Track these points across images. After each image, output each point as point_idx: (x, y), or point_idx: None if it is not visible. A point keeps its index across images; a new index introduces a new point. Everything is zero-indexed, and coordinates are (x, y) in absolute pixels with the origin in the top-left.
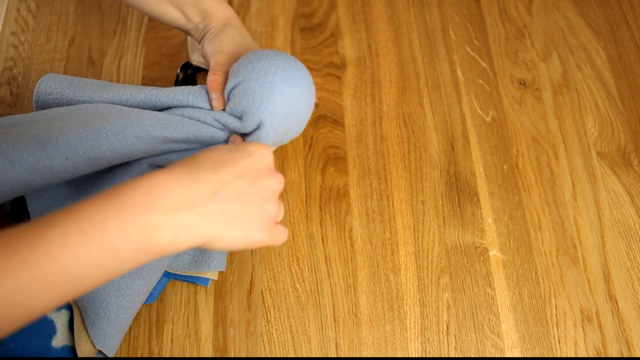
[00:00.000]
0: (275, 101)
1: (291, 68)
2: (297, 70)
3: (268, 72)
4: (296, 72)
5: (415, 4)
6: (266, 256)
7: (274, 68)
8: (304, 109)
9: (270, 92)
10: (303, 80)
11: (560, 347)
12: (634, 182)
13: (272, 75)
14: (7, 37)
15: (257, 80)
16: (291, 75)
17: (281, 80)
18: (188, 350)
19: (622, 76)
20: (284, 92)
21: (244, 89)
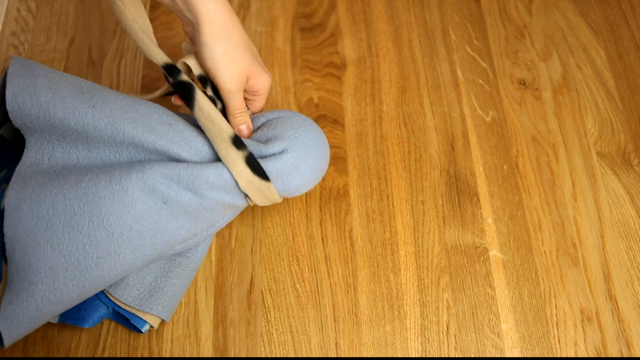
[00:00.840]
0: (305, 137)
1: (322, 139)
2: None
3: (307, 120)
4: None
5: (415, 4)
6: (266, 256)
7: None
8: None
9: (305, 131)
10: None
11: (560, 347)
12: (634, 182)
13: (310, 123)
14: (7, 37)
15: (296, 119)
16: (322, 140)
17: (315, 132)
18: (188, 350)
19: (622, 76)
20: (315, 138)
21: (283, 121)
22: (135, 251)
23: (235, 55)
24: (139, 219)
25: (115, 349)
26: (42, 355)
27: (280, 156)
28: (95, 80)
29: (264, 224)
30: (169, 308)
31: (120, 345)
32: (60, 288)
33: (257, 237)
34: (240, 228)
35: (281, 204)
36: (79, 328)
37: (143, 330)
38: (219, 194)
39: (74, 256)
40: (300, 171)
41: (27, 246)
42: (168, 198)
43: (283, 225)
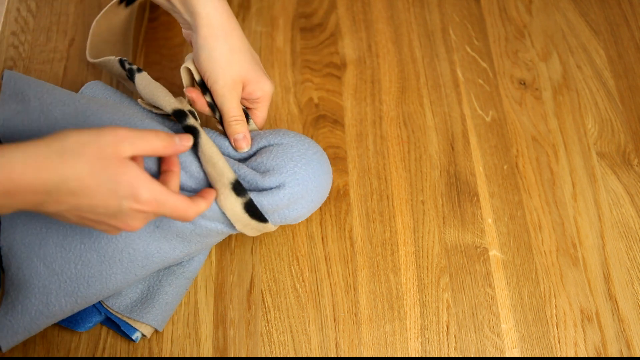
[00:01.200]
0: (305, 170)
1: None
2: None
3: (309, 148)
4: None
5: (415, 4)
6: (266, 256)
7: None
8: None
9: (306, 163)
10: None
11: (560, 347)
12: (634, 182)
13: (313, 153)
14: (7, 37)
15: (298, 149)
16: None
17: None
18: (188, 350)
19: (622, 76)
20: (315, 170)
21: (283, 150)
22: (127, 272)
23: (232, 58)
24: (130, 242)
25: (115, 349)
26: (42, 355)
27: (277, 191)
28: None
29: None
30: (161, 317)
31: (120, 345)
32: (53, 303)
33: (257, 237)
34: None
35: None
36: None
37: (134, 339)
38: (212, 223)
39: (66, 274)
40: (297, 205)
41: (22, 261)
42: (161, 222)
43: (283, 225)
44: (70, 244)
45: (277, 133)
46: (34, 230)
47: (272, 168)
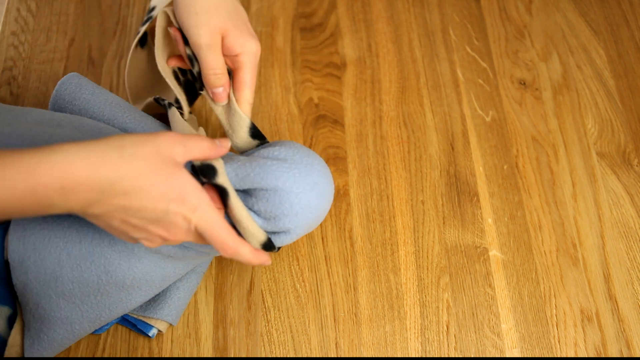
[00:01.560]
0: (308, 215)
1: (323, 182)
2: (327, 183)
3: (306, 188)
4: (326, 186)
5: (415, 4)
6: None
7: (311, 184)
8: (323, 216)
9: (305, 208)
10: (330, 192)
11: (560, 347)
12: (634, 182)
13: (310, 191)
14: (7, 37)
15: (296, 196)
16: (324, 189)
17: (316, 197)
18: (188, 350)
19: (622, 76)
20: (318, 206)
21: (280, 200)
22: (146, 294)
23: (211, 7)
24: (147, 271)
25: (115, 349)
26: None
27: (284, 234)
28: (95, 80)
29: None
30: (175, 312)
31: (120, 345)
32: (77, 330)
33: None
34: None
35: None
36: None
37: (150, 335)
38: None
39: (87, 304)
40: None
41: (40, 298)
42: (176, 254)
43: None
44: (87, 279)
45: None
46: (46, 268)
47: (274, 217)
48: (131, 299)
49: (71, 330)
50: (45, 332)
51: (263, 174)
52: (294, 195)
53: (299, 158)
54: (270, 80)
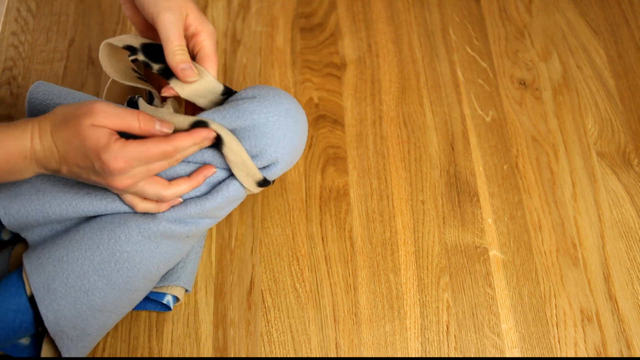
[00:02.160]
0: (289, 140)
1: (294, 109)
2: (298, 109)
3: (280, 114)
4: (298, 112)
5: (415, 4)
6: (266, 256)
7: (284, 111)
8: (304, 142)
9: (285, 134)
10: (304, 118)
11: (560, 347)
12: (634, 182)
13: (285, 117)
14: (7, 37)
15: (274, 124)
16: (296, 115)
17: (292, 122)
18: (188, 350)
19: (622, 76)
20: (296, 131)
21: (260, 133)
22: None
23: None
24: (169, 255)
25: (115, 349)
26: None
27: (274, 166)
28: (95, 80)
29: (264, 224)
30: (185, 276)
31: (120, 345)
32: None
33: (257, 237)
34: (240, 228)
35: (281, 204)
36: None
37: (165, 302)
38: (229, 206)
39: (120, 307)
40: (290, 165)
41: (75, 320)
42: (190, 232)
43: (283, 225)
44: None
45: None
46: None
47: (261, 152)
48: (155, 280)
49: (105, 331)
50: (81, 341)
51: (238, 114)
52: (272, 124)
53: (265, 92)
54: (270, 80)
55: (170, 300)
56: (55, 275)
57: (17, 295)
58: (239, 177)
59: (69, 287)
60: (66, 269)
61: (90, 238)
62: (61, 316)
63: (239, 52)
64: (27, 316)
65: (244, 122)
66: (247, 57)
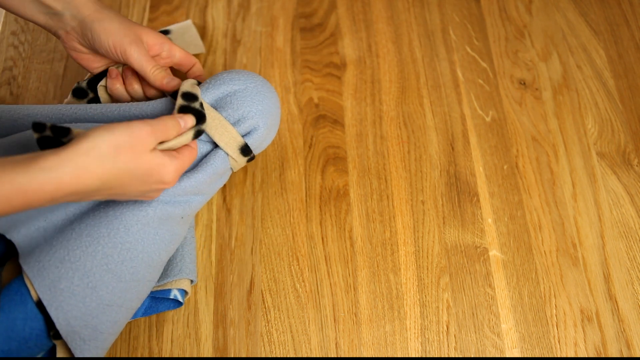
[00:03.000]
0: (267, 104)
1: (267, 82)
2: (269, 84)
3: (257, 84)
4: (270, 85)
5: (415, 4)
6: (266, 256)
7: (259, 80)
8: (279, 109)
9: (262, 98)
10: (275, 92)
11: (560, 347)
12: (634, 182)
13: (262, 85)
14: (7, 37)
15: (253, 89)
16: (269, 85)
17: (268, 88)
18: (188, 350)
19: (622, 76)
20: (272, 96)
21: (242, 97)
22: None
23: (123, 22)
24: (168, 240)
25: (115, 349)
26: None
27: (254, 132)
28: None
29: (264, 224)
30: (187, 268)
31: (120, 345)
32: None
33: (257, 237)
34: (240, 228)
35: (281, 204)
36: None
37: (173, 297)
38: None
39: (129, 301)
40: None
41: (86, 319)
42: (184, 212)
43: (283, 225)
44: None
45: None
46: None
47: (241, 117)
48: (158, 273)
49: (118, 328)
50: (93, 339)
51: (219, 82)
52: (250, 89)
53: (238, 69)
54: (270, 80)
55: (177, 295)
56: (60, 276)
57: (22, 303)
58: (222, 144)
59: (76, 285)
60: (70, 268)
61: (89, 234)
62: (71, 316)
63: (239, 52)
64: (37, 322)
65: (225, 89)
66: (247, 57)
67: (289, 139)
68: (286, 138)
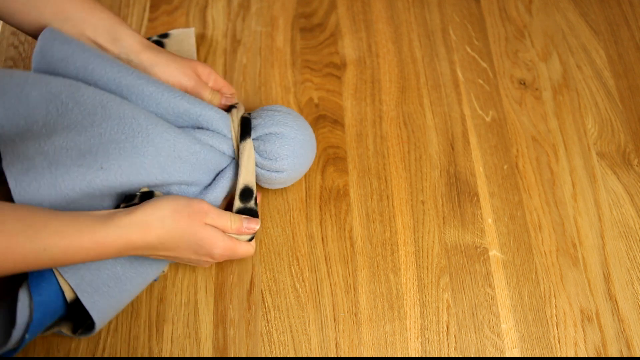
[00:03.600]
0: (303, 159)
1: (313, 138)
2: (314, 140)
3: (306, 136)
4: (314, 142)
5: (415, 4)
6: (266, 256)
7: (309, 135)
8: (308, 166)
9: (303, 152)
10: (315, 149)
11: (560, 347)
12: (634, 182)
13: (309, 140)
14: (7, 37)
15: (299, 141)
16: (314, 143)
17: (311, 147)
18: (188, 350)
19: (622, 76)
20: (311, 156)
21: (284, 142)
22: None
23: (176, 59)
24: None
25: (115, 349)
26: (42, 355)
27: (277, 174)
28: None
29: (264, 224)
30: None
31: (120, 345)
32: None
33: (257, 237)
34: None
35: (281, 204)
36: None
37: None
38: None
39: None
40: (291, 176)
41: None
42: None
43: (283, 225)
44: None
45: (275, 122)
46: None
47: (276, 157)
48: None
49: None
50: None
51: (272, 122)
52: (297, 140)
53: (291, 113)
54: (270, 80)
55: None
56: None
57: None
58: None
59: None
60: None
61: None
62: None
63: (239, 52)
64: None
65: (276, 129)
66: (247, 57)
67: None
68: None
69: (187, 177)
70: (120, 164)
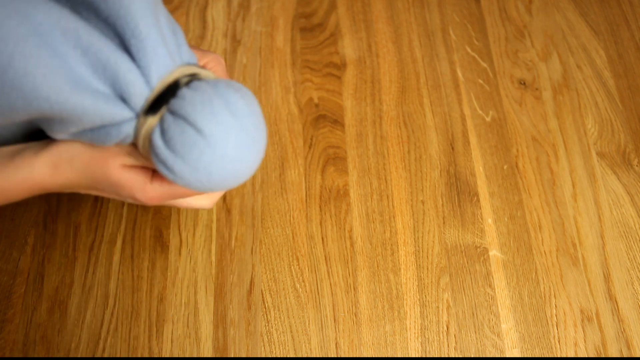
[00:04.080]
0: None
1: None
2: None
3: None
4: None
5: (415, 4)
6: (266, 256)
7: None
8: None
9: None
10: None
11: (560, 347)
12: (634, 182)
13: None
14: None
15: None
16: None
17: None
18: (188, 350)
19: (622, 76)
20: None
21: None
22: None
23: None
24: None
25: (115, 349)
26: (42, 355)
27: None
28: None
29: (264, 224)
30: None
31: (120, 345)
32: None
33: (257, 237)
34: (240, 228)
35: (281, 204)
36: (79, 328)
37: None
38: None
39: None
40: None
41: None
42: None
43: (283, 225)
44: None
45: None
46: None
47: (176, 152)
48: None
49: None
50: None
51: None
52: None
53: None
54: (270, 80)
55: None
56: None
57: None
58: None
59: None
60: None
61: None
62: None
63: (239, 52)
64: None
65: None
66: (247, 57)
67: (288, 139)
68: (286, 138)
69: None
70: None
